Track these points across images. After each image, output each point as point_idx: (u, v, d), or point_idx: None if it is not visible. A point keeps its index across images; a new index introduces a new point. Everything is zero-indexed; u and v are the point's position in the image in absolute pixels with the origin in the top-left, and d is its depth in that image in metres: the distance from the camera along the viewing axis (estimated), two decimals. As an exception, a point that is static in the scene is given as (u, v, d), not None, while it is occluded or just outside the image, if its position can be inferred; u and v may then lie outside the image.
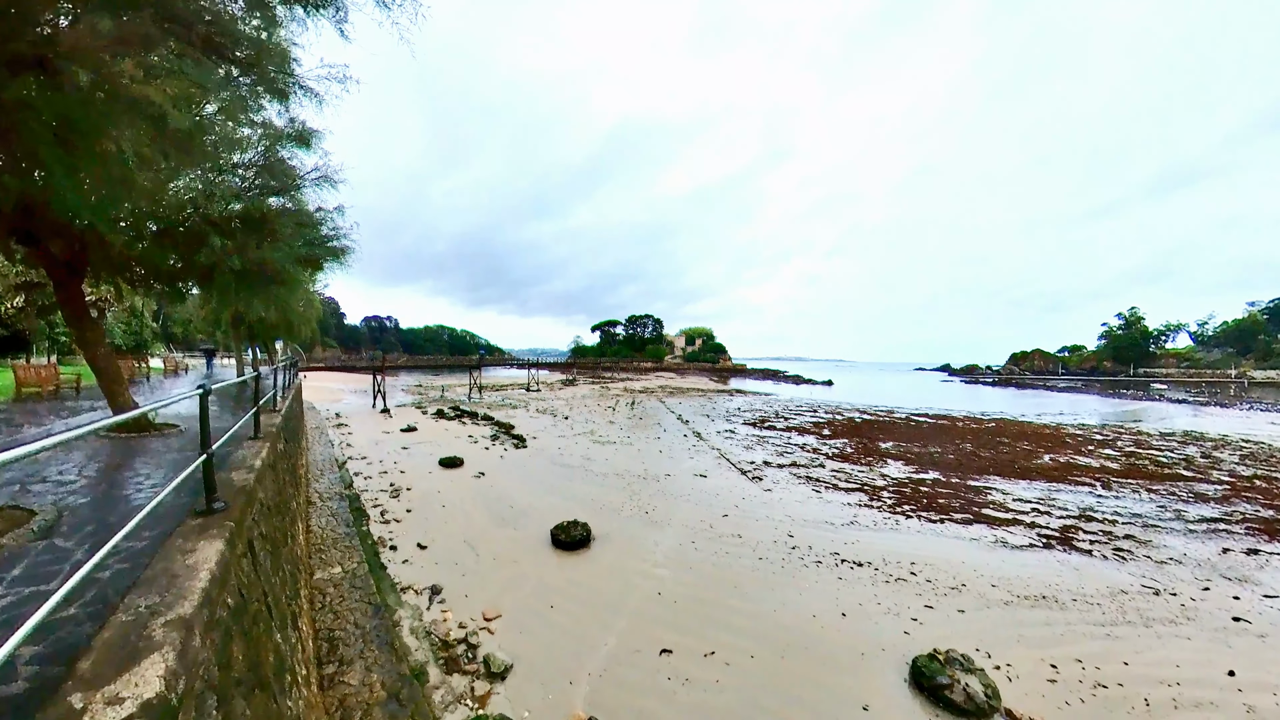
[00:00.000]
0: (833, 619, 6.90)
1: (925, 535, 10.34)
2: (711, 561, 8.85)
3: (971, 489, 14.22)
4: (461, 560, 9.02)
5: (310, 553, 8.64)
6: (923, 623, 6.87)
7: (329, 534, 9.71)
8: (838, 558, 8.97)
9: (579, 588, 8.02)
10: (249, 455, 5.03)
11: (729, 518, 11.13)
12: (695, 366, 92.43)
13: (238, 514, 3.34)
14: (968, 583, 8.12)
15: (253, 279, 7.12)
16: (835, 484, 14.19)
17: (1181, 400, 46.58)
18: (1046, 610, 7.53)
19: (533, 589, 7.96)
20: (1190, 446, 22.69)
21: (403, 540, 9.88)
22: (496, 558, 9.12)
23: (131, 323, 34.04)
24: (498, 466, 16.13)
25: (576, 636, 6.61)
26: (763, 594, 7.63)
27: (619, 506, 12.09)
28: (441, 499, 12.53)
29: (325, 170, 7.54)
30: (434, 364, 61.37)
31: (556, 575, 8.49)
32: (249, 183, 6.86)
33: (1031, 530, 10.98)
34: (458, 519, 11.20)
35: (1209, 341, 76.82)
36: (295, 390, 15.36)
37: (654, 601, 7.47)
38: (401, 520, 11.01)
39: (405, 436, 21.06)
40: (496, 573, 8.54)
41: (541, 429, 23.89)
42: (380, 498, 12.53)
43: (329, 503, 11.66)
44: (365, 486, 13.49)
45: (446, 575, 8.41)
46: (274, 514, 4.99)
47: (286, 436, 8.28)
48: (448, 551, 9.41)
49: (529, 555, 9.27)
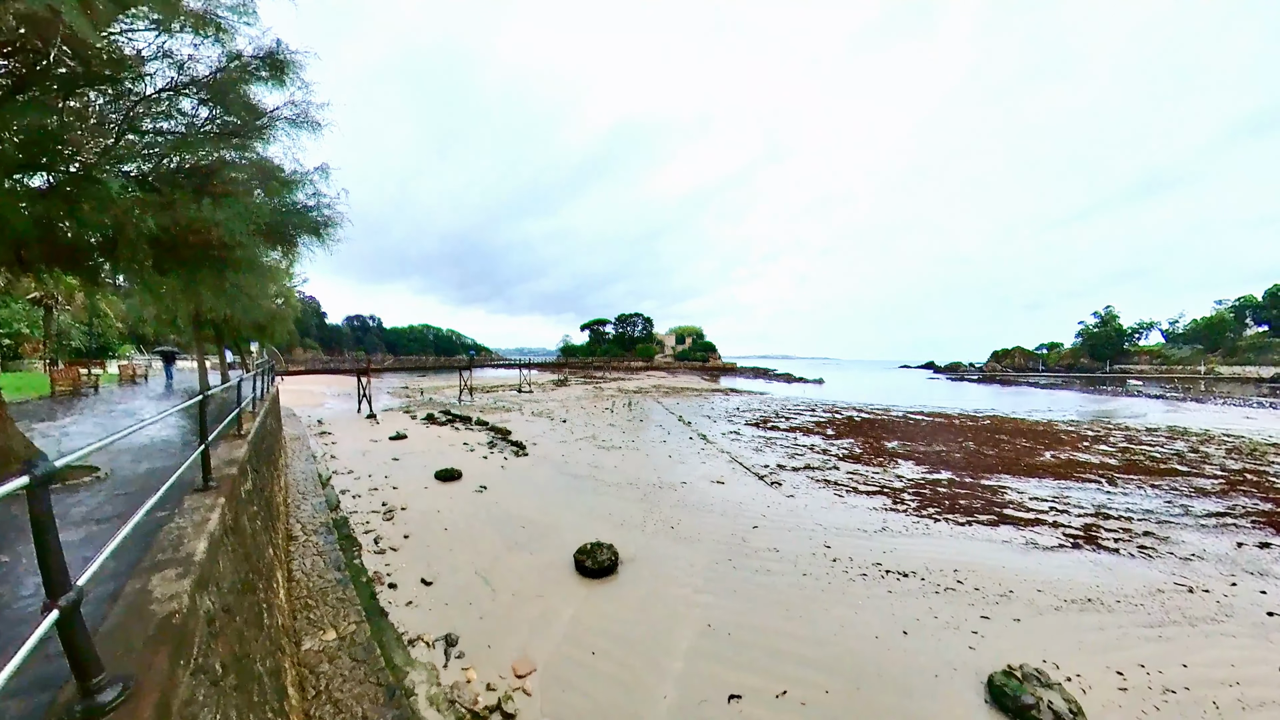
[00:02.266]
0: (895, 638, 6.62)
1: (958, 539, 10.25)
2: (755, 582, 8.33)
3: (987, 489, 14.30)
4: (476, 597, 7.86)
5: (295, 612, 7.00)
6: (983, 635, 6.69)
7: (317, 582, 8.06)
8: (880, 569, 8.72)
9: (619, 624, 7.16)
10: (187, 529, 3.23)
11: (759, 529, 10.70)
12: (686, 365, 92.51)
13: (156, 696, 1.77)
14: (1015, 589, 8.03)
15: (188, 255, 5.21)
16: (855, 487, 14.06)
17: (1158, 396, 48.34)
18: (1095, 614, 7.48)
19: (566, 630, 7.00)
20: (1178, 442, 23.39)
21: (403, 575, 8.59)
22: (516, 592, 8.03)
23: (94, 324, 31.66)
24: (500, 478, 15.03)
25: (629, 688, 5.84)
26: (817, 615, 7.23)
27: (640, 521, 11.35)
28: (442, 520, 11.30)
29: (303, 108, 5.42)
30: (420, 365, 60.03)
31: (589, 610, 7.54)
32: (186, 119, 4.93)
33: (1056, 530, 11.04)
34: (464, 544, 9.94)
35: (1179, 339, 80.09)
36: (271, 400, 13.60)
37: (706, 636, 6.80)
38: (399, 549, 9.69)
39: (395, 445, 19.82)
40: (519, 611, 7.51)
41: (540, 434, 23.15)
42: (372, 521, 11.17)
43: (314, 537, 9.92)
44: (354, 507, 12.06)
45: (460, 618, 7.25)
46: (235, 615, 3.38)
47: (257, 466, 6.68)
48: (458, 587, 8.19)
49: (553, 586, 8.26)
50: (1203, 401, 42.32)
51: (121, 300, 18.46)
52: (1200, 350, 74.22)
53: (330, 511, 11.59)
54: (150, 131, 4.87)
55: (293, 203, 6.39)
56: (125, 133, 4.63)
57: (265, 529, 6.22)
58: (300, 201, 6.48)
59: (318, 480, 14.30)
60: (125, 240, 4.42)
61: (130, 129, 4.66)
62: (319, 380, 54.16)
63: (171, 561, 2.80)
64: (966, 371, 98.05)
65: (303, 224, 6.62)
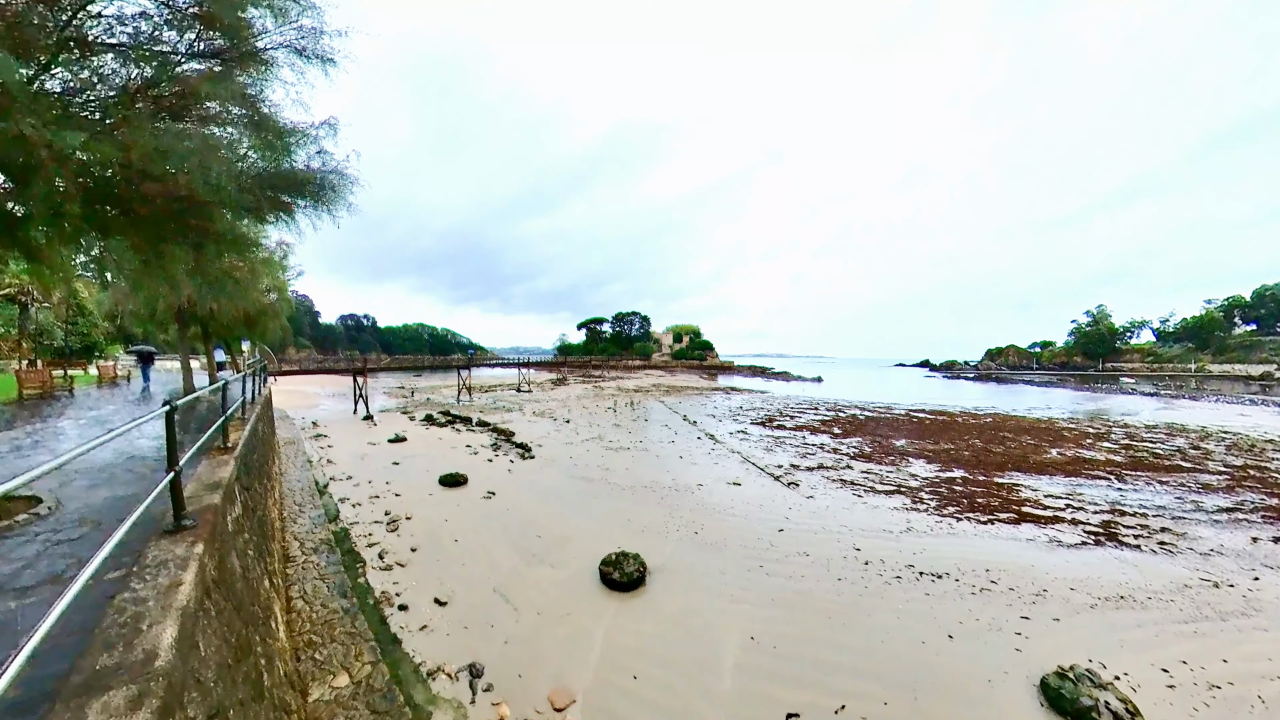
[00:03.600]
0: (941, 643, 6.51)
1: (983, 539, 10.23)
2: (791, 588, 8.07)
3: (1001, 487, 14.36)
4: (497, 619, 7.19)
5: (298, 650, 6.11)
6: (1027, 636, 6.65)
7: (320, 612, 7.06)
8: (914, 571, 8.63)
9: (656, 642, 6.67)
10: (148, 603, 2.30)
11: (785, 533, 10.51)
12: (683, 364, 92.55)
13: None
14: (1048, 588, 8.02)
15: (149, 216, 4.13)
16: (872, 487, 14.02)
17: (1151, 394, 49.00)
18: (1130, 611, 7.49)
19: (601, 652, 6.45)
20: (1178, 438, 23.69)
21: (414, 594, 7.87)
22: (541, 611, 7.38)
23: (79, 322, 30.15)
24: (508, 483, 14.38)
25: (679, 715, 5.41)
26: (859, 622, 7.06)
27: (662, 527, 10.93)
28: (451, 530, 10.61)
29: (309, 34, 4.25)
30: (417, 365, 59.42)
31: (623, 628, 7.00)
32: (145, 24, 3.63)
33: (1076, 527, 11.09)
34: (478, 558, 9.27)
35: (1170, 337, 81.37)
36: (264, 404, 12.41)
37: (750, 650, 6.47)
38: (406, 564, 8.97)
39: (394, 449, 19.02)
40: (547, 633, 6.88)
41: (544, 435, 22.76)
42: (375, 532, 10.41)
43: (314, 557, 8.95)
44: (355, 517, 11.32)
45: (483, 643, 6.59)
46: (228, 711, 2.62)
47: (248, 483, 6.02)
48: (475, 607, 7.50)
49: (580, 603, 7.65)
50: (1196, 399, 42.98)
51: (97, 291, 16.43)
52: (1191, 349, 75.47)
53: (329, 523, 10.82)
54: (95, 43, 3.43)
55: (290, 162, 5.01)
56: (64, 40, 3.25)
57: (259, 558, 5.47)
58: (302, 164, 5.23)
59: (315, 488, 13.45)
60: (43, 176, 3.12)
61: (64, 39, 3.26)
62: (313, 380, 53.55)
63: (119, 671, 1.77)
64: (962, 370, 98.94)
65: (301, 184, 5.33)
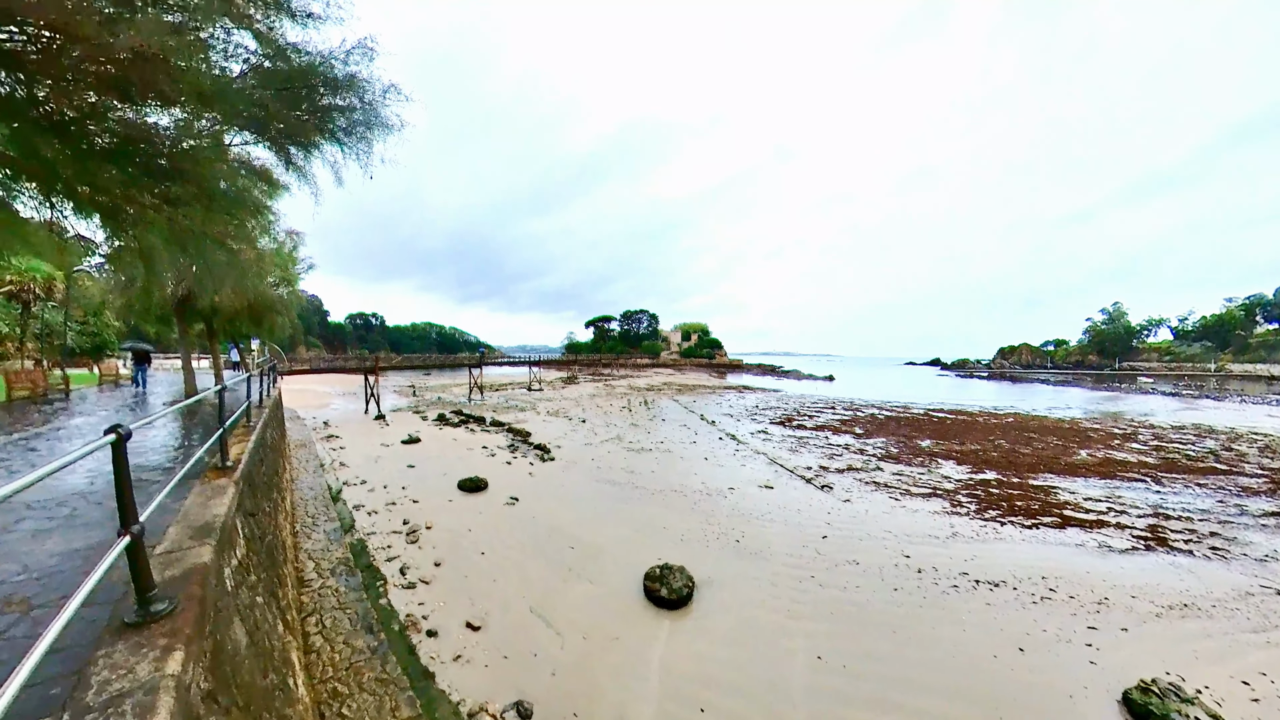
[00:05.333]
0: (1012, 656, 6.29)
1: (1031, 544, 10.01)
2: (848, 600, 7.68)
3: (1037, 489, 14.11)
4: (539, 645, 6.50)
5: (320, 704, 5.20)
6: (1098, 648, 6.44)
7: (343, 653, 6.06)
8: (968, 579, 8.39)
9: (718, 667, 6.13)
10: None
11: (829, 539, 10.20)
12: (692, 362, 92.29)
13: None
14: (1108, 596, 7.81)
15: (105, 152, 3.46)
16: (907, 490, 13.79)
17: (1172, 393, 48.20)
18: (1197, 620, 7.27)
19: (660, 681, 5.84)
20: (1208, 440, 23.26)
21: (443, 616, 7.10)
22: (586, 634, 6.73)
23: (90, 321, 30.13)
24: (531, 488, 13.74)
25: None
26: (925, 635, 6.82)
27: (700, 535, 10.42)
28: (475, 541, 9.94)
29: None
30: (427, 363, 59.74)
31: (679, 651, 6.42)
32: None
33: (1123, 532, 10.86)
34: (508, 573, 8.56)
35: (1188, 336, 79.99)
36: (273, 406, 11.35)
37: (819, 670, 6.05)
38: (431, 580, 8.21)
39: (408, 450, 18.33)
40: (597, 660, 6.20)
41: (562, 435, 22.42)
42: (394, 544, 9.71)
43: (332, 580, 8.01)
44: (372, 526, 10.61)
45: (526, 675, 5.88)
46: None
47: (254, 508, 5.20)
48: (513, 631, 6.80)
49: (627, 624, 7.00)
50: (1220, 399, 42.19)
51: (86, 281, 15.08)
52: (1210, 348, 74.12)
53: (345, 534, 10.13)
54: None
55: (305, 76, 4.16)
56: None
57: (271, 602, 4.64)
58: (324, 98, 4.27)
59: (328, 495, 12.65)
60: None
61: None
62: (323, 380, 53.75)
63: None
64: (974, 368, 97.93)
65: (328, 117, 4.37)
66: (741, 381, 64.68)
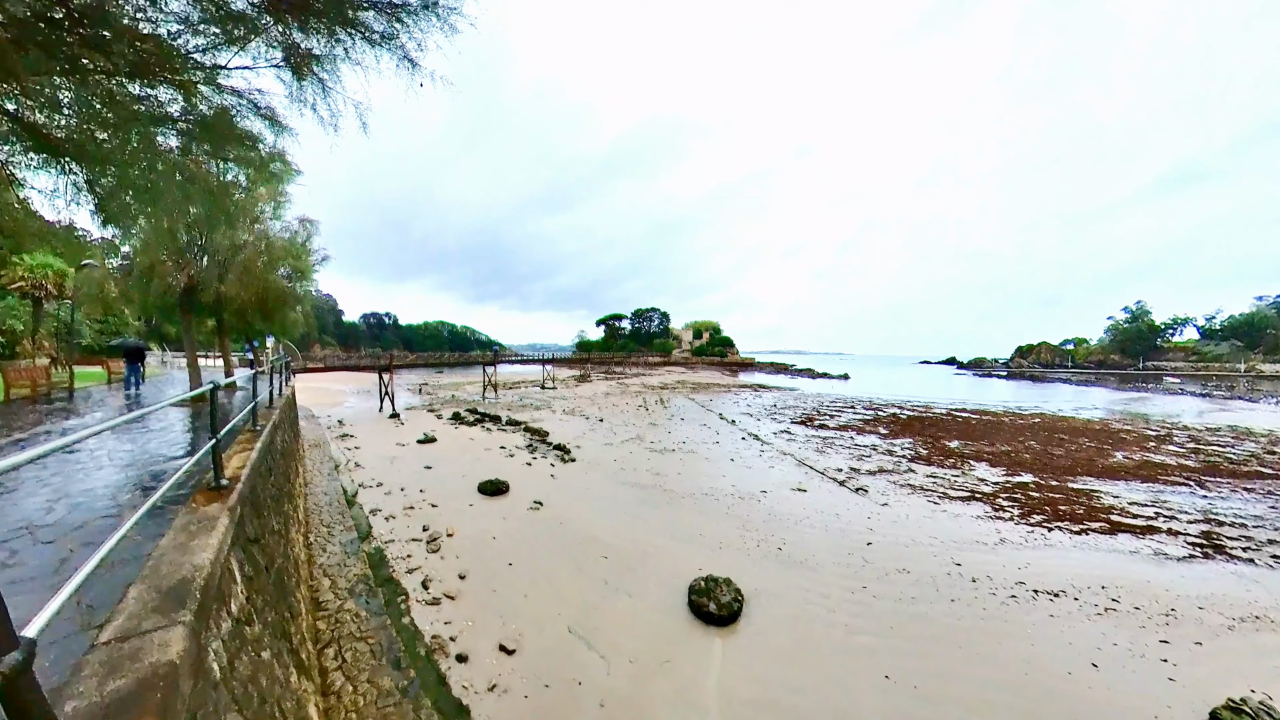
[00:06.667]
0: (1087, 673, 5.92)
1: (1083, 550, 9.55)
2: (906, 613, 7.25)
3: (1079, 493, 13.68)
4: (582, 670, 5.90)
5: None
6: (1174, 663, 6.07)
7: (367, 693, 5.40)
8: (1026, 589, 7.98)
9: (782, 690, 5.67)
10: None
11: (874, 546, 9.74)
12: (704, 361, 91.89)
13: None
14: (1174, 607, 7.38)
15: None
16: (944, 493, 13.31)
17: (1203, 394, 46.77)
18: (1273, 634, 6.82)
19: (721, 712, 5.39)
20: (1246, 442, 22.50)
21: (472, 638, 6.51)
22: (635, 658, 6.15)
23: (110, 320, 30.53)
24: (554, 491, 13.19)
25: None
26: (994, 651, 6.39)
27: (739, 542, 9.92)
28: (501, 550, 9.33)
29: None
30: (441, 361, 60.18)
31: (736, 674, 5.92)
32: None
33: (1176, 538, 10.44)
34: (539, 586, 7.96)
35: (1215, 335, 77.73)
36: (285, 406, 10.64)
37: (889, 692, 5.64)
38: (457, 596, 7.57)
39: (425, 450, 17.83)
40: (649, 688, 5.68)
41: (580, 435, 22.00)
42: (414, 553, 9.07)
43: (351, 602, 7.20)
44: (389, 533, 10.01)
45: (573, 708, 5.38)
46: None
47: (258, 534, 4.46)
48: (552, 655, 6.19)
49: (676, 643, 6.48)
50: (1254, 401, 40.84)
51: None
52: (1240, 347, 71.89)
53: (362, 542, 9.54)
54: None
55: None
56: None
57: (280, 644, 4.04)
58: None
59: (344, 499, 11.99)
60: None
61: None
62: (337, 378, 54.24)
63: None
64: (992, 367, 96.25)
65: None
66: (755, 380, 64.17)
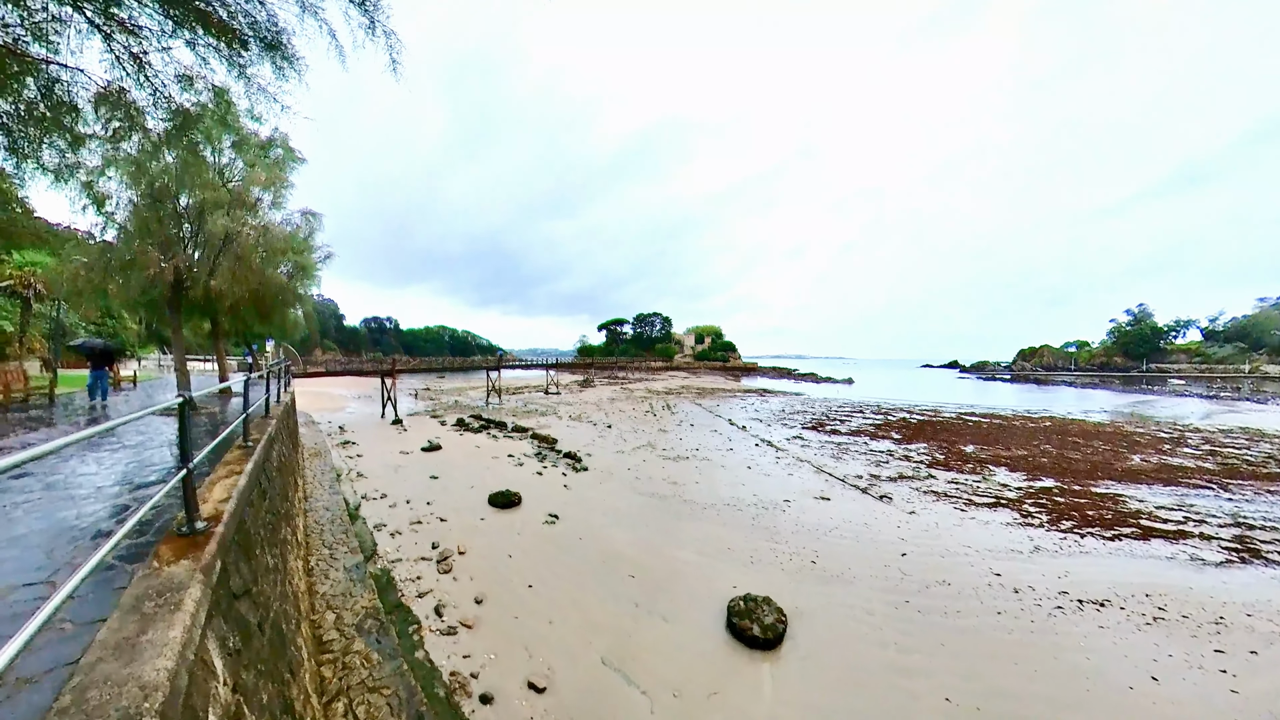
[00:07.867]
0: (1148, 686, 5.69)
1: (1119, 557, 9.34)
2: (953, 627, 7.02)
3: (1104, 497, 13.52)
4: (624, 709, 5.38)
5: None
6: (1234, 674, 5.85)
7: None
8: (1069, 598, 7.75)
9: (845, 716, 5.37)
10: None
11: (909, 557, 9.37)
12: (706, 365, 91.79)
13: None
14: (1223, 615, 7.17)
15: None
16: (969, 499, 13.02)
17: (1210, 396, 46.73)
18: (1331, 643, 6.84)
19: None
20: (1261, 444, 22.44)
21: (495, 673, 5.87)
22: (679, 691, 5.64)
23: (107, 323, 30.25)
24: (569, 503, 12.55)
25: None
26: (1050, 666, 6.11)
27: (770, 556, 9.45)
28: (519, 569, 8.66)
29: None
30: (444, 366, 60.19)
31: (790, 702, 5.54)
32: None
33: (1210, 543, 10.26)
34: (566, 611, 7.28)
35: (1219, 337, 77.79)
36: (284, 414, 9.99)
37: (951, 715, 5.37)
38: (474, 624, 6.85)
39: (430, 459, 17.11)
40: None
41: (589, 442, 21.41)
42: (424, 573, 8.37)
43: (359, 642, 6.31)
44: (397, 551, 9.34)
45: None
46: None
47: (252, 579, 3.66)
48: (587, 692, 5.63)
49: (720, 672, 6.01)
50: (1262, 402, 40.75)
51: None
52: (1243, 349, 71.94)
53: (367, 561, 8.84)
54: None
55: None
56: None
57: (283, 712, 3.42)
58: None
59: (346, 515, 11.24)
60: None
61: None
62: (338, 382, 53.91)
63: None
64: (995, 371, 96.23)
65: None
66: (759, 385, 63.99)
